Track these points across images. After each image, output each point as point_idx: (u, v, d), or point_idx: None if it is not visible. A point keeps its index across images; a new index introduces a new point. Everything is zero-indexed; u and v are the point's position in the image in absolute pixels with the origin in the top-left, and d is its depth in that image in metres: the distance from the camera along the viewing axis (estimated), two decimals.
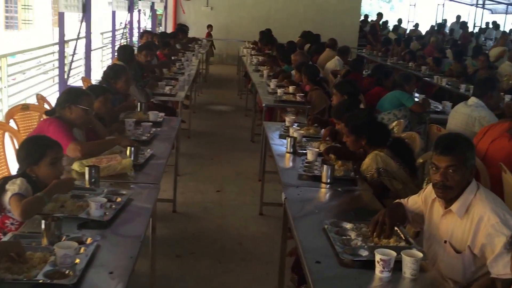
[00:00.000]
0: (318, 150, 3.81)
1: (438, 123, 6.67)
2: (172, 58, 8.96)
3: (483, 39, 16.35)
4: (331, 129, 4.19)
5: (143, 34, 7.96)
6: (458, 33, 18.26)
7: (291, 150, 4.00)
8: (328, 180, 3.33)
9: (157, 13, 14.87)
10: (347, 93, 4.71)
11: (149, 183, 3.19)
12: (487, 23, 18.75)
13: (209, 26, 15.17)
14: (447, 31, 19.15)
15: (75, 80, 8.96)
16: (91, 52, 7.94)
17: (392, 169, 3.33)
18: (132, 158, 3.40)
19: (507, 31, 18.19)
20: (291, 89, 6.64)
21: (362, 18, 17.54)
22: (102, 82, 4.89)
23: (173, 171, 5.07)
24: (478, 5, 19.44)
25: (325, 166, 3.34)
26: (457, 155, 2.45)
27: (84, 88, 3.92)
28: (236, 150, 7.23)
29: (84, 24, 6.97)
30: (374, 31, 16.17)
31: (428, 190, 2.70)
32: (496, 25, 18.50)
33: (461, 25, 18.78)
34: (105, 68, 5.20)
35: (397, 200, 2.84)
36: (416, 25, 18.88)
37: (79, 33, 7.16)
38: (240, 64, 12.18)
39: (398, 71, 10.37)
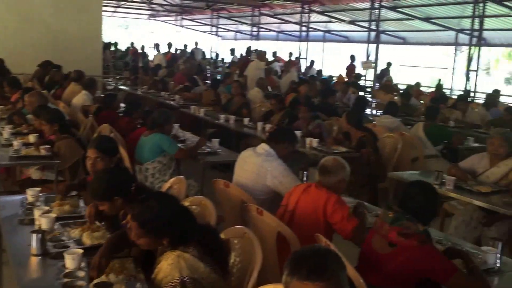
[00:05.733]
0: (82, 250, 2.43)
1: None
2: None
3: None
4: (95, 205, 2.81)
5: None
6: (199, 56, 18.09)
7: (40, 252, 2.52)
8: None
9: None
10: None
11: None
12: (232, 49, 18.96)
13: None
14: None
15: None
16: None
17: (201, 276, 2.16)
18: None
19: (238, 56, 18.69)
20: (31, 138, 4.92)
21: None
22: None
23: None
24: (212, 33, 19.86)
25: None
26: (331, 279, 1.51)
27: None
28: None
29: None
30: (135, 59, 14.74)
31: None
32: (232, 51, 18.92)
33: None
34: None
35: None
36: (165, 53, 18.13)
37: None
38: None
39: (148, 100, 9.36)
